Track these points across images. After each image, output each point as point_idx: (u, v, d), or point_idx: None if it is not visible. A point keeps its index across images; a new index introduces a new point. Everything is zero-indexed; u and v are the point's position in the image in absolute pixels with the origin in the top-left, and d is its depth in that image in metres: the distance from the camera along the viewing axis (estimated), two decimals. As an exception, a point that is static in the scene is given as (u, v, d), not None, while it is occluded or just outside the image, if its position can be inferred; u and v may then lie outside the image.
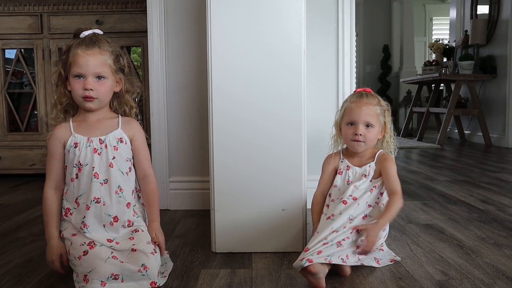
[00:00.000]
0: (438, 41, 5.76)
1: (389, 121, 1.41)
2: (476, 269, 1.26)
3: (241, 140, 1.42)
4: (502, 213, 1.88)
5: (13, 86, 2.91)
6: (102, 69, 1.22)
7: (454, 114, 4.76)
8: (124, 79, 1.29)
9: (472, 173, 2.90)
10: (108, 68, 1.23)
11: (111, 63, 1.24)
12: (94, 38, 1.23)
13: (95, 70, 1.20)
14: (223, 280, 1.22)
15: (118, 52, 1.28)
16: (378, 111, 1.36)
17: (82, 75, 1.20)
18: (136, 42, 2.78)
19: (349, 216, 1.27)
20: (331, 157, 1.44)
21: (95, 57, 1.21)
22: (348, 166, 1.38)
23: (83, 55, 1.20)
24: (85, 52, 1.20)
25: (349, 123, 1.37)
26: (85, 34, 1.24)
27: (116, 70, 1.26)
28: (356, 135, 1.34)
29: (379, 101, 1.38)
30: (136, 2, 2.72)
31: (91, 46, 1.21)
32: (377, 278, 1.21)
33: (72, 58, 1.21)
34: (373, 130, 1.36)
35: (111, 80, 1.25)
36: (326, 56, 2.03)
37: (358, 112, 1.35)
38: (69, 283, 1.19)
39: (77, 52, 1.20)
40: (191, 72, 2.04)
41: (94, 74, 1.20)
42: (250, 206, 1.43)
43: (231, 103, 1.41)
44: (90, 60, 1.20)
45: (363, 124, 1.35)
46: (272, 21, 1.40)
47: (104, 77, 1.22)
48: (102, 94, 1.23)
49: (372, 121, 1.35)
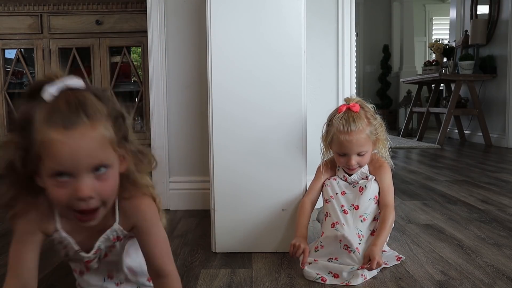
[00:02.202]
0: (438, 41, 5.76)
1: (383, 135, 1.33)
2: (476, 269, 1.26)
3: (241, 140, 1.42)
4: (502, 213, 1.88)
5: (13, 86, 2.91)
6: (103, 156, 0.73)
7: (454, 114, 4.76)
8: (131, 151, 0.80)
9: (472, 173, 2.89)
10: (109, 148, 0.74)
11: (111, 135, 0.74)
12: (74, 101, 0.71)
13: (91, 162, 0.72)
14: (223, 280, 1.22)
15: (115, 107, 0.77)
16: (368, 133, 1.28)
17: (68, 174, 0.71)
18: (136, 42, 2.78)
19: (358, 232, 1.25)
20: (326, 165, 1.41)
21: (86, 138, 0.70)
22: (344, 176, 1.37)
23: (62, 141, 0.69)
24: (65, 135, 0.69)
25: (340, 153, 1.32)
26: (52, 93, 0.71)
27: (119, 142, 0.77)
28: (349, 165, 1.31)
29: (369, 120, 1.29)
30: (136, 2, 2.72)
31: (75, 121, 0.69)
32: (377, 278, 1.21)
33: (40, 147, 0.70)
34: (366, 155, 1.31)
35: (116, 164, 0.77)
36: (326, 56, 2.03)
37: (349, 146, 1.27)
38: (69, 283, 1.19)
39: (50, 136, 0.69)
40: (191, 72, 2.04)
41: (89, 169, 0.72)
42: (250, 206, 1.43)
43: (231, 103, 1.41)
44: (78, 149, 0.70)
45: (355, 154, 1.30)
46: (272, 21, 1.40)
47: (106, 166, 0.74)
48: (108, 195, 0.77)
49: (364, 149, 1.29)
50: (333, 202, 1.31)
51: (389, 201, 1.31)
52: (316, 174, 1.43)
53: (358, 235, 1.24)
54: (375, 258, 1.15)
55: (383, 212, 1.29)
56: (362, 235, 1.25)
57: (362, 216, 1.28)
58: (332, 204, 1.31)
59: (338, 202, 1.31)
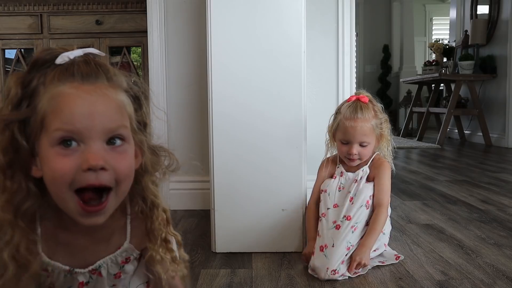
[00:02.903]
0: (438, 41, 5.76)
1: (387, 132, 1.35)
2: (476, 269, 1.26)
3: (241, 139, 1.41)
4: (502, 213, 1.88)
5: (13, 86, 2.91)
6: (120, 122, 0.62)
7: (454, 114, 4.76)
8: (148, 144, 0.69)
9: (472, 173, 2.89)
10: (127, 121, 0.63)
11: (130, 109, 0.64)
12: (94, 61, 0.62)
13: (107, 126, 0.60)
14: (223, 280, 1.22)
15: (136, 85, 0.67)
16: (373, 124, 1.31)
17: (77, 139, 0.58)
18: (136, 42, 2.78)
19: (348, 244, 1.24)
20: (328, 161, 1.42)
21: (104, 96, 0.60)
22: (342, 173, 1.37)
23: (77, 95, 0.59)
24: (81, 89, 0.59)
25: (343, 142, 1.33)
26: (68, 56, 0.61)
27: (137, 127, 0.66)
28: (350, 154, 1.32)
29: (376, 113, 1.32)
30: (136, 2, 2.72)
31: (94, 76, 0.61)
32: (377, 278, 1.21)
33: (47, 105, 0.59)
34: (368, 147, 1.32)
35: (133, 146, 0.65)
36: (326, 56, 2.03)
37: (353, 133, 1.29)
38: (69, 283, 1.19)
39: (62, 90, 0.59)
40: (191, 72, 2.04)
41: (103, 136, 0.60)
42: (250, 207, 1.43)
43: (231, 103, 1.41)
44: (94, 107, 0.59)
45: (358, 143, 1.31)
46: (272, 20, 1.40)
47: (123, 138, 0.62)
48: (123, 173, 0.62)
49: (367, 139, 1.30)
50: (323, 222, 1.31)
51: (383, 200, 1.31)
52: (318, 175, 1.43)
53: (347, 247, 1.24)
54: (355, 260, 1.21)
55: (376, 211, 1.29)
56: (352, 245, 1.25)
57: (353, 227, 1.27)
58: (322, 223, 1.31)
59: (331, 219, 1.30)
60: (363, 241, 1.25)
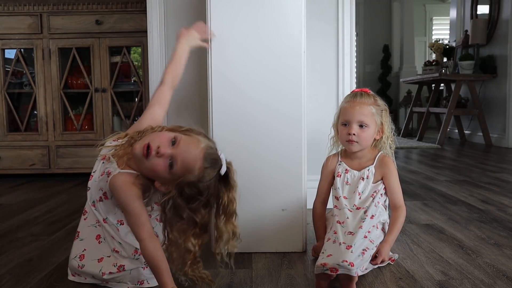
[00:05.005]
0: (438, 41, 5.76)
1: (388, 122, 1.37)
2: (476, 269, 1.26)
3: (241, 141, 1.41)
4: (502, 213, 1.88)
5: (13, 86, 2.91)
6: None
7: (454, 114, 4.76)
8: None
9: (472, 173, 2.89)
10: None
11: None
12: None
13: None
14: (223, 280, 1.22)
15: None
16: (374, 110, 1.33)
17: None
18: (136, 42, 2.78)
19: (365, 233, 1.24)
20: (329, 159, 1.43)
21: None
22: (346, 169, 1.37)
23: None
24: None
25: (343, 123, 1.35)
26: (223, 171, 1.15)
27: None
28: (349, 135, 1.32)
29: (376, 100, 1.35)
30: (136, 2, 2.72)
31: None
32: (377, 278, 1.21)
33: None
34: (367, 130, 1.32)
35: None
36: (326, 56, 2.03)
37: (352, 111, 1.32)
38: (69, 283, 1.19)
39: None
40: (191, 72, 2.04)
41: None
42: (250, 206, 1.43)
43: (231, 104, 1.41)
44: None
45: (357, 123, 1.32)
46: (272, 20, 1.40)
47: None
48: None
49: (367, 120, 1.31)
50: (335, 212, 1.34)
51: (399, 201, 1.37)
52: (322, 174, 1.43)
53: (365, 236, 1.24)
54: (381, 255, 1.25)
55: (395, 213, 1.35)
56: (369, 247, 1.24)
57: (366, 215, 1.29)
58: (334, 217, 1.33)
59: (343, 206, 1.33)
60: (386, 237, 1.31)
